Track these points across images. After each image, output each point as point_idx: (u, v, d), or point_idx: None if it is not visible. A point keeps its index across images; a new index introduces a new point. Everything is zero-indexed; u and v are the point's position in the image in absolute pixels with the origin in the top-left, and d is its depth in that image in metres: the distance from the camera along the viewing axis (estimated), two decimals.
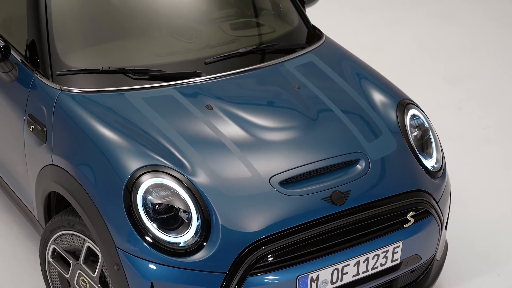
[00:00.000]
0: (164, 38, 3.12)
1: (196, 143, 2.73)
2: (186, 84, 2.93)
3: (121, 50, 3.05)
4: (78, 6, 3.09)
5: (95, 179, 2.64)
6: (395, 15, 5.81)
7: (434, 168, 3.01)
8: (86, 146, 2.72)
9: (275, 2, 3.43)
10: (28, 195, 3.12)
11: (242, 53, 3.09)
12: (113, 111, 2.80)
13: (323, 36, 3.37)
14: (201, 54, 3.07)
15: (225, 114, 2.84)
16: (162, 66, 2.97)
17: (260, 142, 2.78)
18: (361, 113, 3.00)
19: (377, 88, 3.14)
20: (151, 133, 2.73)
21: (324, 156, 2.79)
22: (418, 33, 5.57)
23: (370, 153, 2.86)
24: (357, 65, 3.26)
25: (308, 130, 2.86)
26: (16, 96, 3.04)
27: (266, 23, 3.38)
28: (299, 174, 2.72)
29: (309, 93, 3.01)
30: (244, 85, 3.02)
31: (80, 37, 3.05)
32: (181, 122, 2.79)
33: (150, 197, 2.58)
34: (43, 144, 2.88)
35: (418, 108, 3.14)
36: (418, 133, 3.04)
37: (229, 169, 2.68)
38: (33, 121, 2.93)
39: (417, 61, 5.21)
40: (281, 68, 3.11)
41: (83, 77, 2.90)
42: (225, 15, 3.30)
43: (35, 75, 2.97)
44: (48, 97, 2.89)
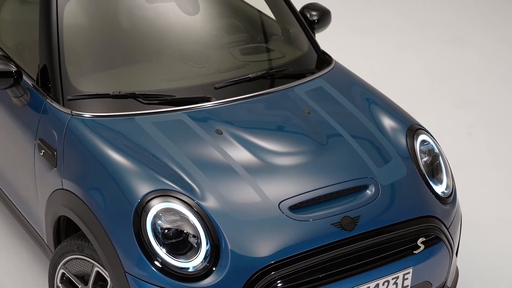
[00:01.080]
0: (174, 63, 3.14)
1: (205, 167, 2.73)
2: (196, 109, 2.94)
3: (131, 75, 3.07)
4: (89, 31, 3.12)
5: (104, 203, 2.65)
6: (404, 39, 5.83)
7: (444, 193, 2.99)
8: (96, 170, 2.72)
9: (285, 27, 3.45)
10: (38, 219, 3.13)
11: (252, 78, 3.11)
12: (123, 136, 2.81)
13: (332, 61, 3.38)
14: (211, 79, 3.08)
15: (234, 138, 2.85)
16: (172, 90, 2.98)
17: (269, 167, 2.78)
18: (371, 138, 2.99)
19: (387, 113, 3.14)
20: (160, 158, 2.74)
21: (334, 181, 2.78)
22: (427, 57, 5.58)
23: (380, 179, 2.85)
24: (366, 90, 3.27)
25: (318, 155, 2.86)
26: (27, 120, 3.05)
27: (276, 48, 3.40)
28: (309, 199, 2.71)
29: (319, 118, 3.02)
30: (254, 110, 3.03)
31: (91, 62, 3.07)
32: (190, 146, 2.80)
33: (159, 221, 2.58)
34: (53, 169, 2.89)
35: (428, 134, 3.14)
36: (428, 159, 3.04)
37: (239, 194, 2.68)
38: (43, 145, 2.94)
39: (426, 85, 5.21)
40: (291, 93, 3.12)
41: (93, 101, 2.92)
42: (235, 40, 3.32)
43: (46, 100, 2.98)
44: (59, 122, 2.91)
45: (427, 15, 6.25)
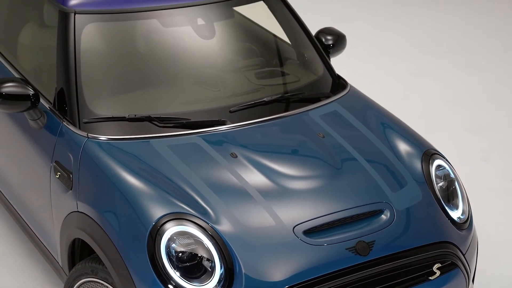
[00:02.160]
0: (190, 87, 3.16)
1: (220, 191, 2.73)
2: (211, 132, 2.95)
3: (147, 98, 3.09)
4: (106, 55, 3.15)
5: (119, 226, 2.65)
6: (419, 64, 5.83)
7: (460, 219, 2.97)
8: (110, 193, 2.73)
9: (300, 51, 3.47)
10: (53, 241, 3.13)
11: (267, 101, 3.11)
12: (139, 159, 2.82)
13: (347, 86, 3.39)
14: (226, 102, 3.09)
15: (249, 162, 2.85)
16: (187, 114, 2.99)
17: (284, 191, 2.77)
18: (386, 163, 2.98)
19: (402, 137, 3.13)
20: (175, 181, 2.74)
21: (349, 205, 2.77)
22: (442, 82, 5.58)
23: (395, 203, 2.83)
24: (381, 115, 3.26)
25: (333, 179, 2.85)
26: (43, 143, 3.07)
27: (291, 72, 3.41)
28: (323, 224, 2.70)
29: (334, 142, 3.01)
30: (269, 133, 3.03)
31: (107, 85, 3.10)
32: (205, 170, 2.80)
33: (173, 245, 2.57)
34: (68, 191, 2.90)
35: (444, 159, 3.12)
36: (443, 184, 3.02)
37: (253, 218, 2.67)
38: (59, 168, 2.96)
39: (441, 110, 5.20)
40: (306, 117, 3.12)
41: (109, 124, 2.94)
42: (250, 64, 3.33)
43: (63, 123, 3.01)
44: (75, 144, 2.92)
45: (442, 40, 6.25)
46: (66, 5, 3.06)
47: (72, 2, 3.07)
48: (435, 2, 6.97)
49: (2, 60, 3.43)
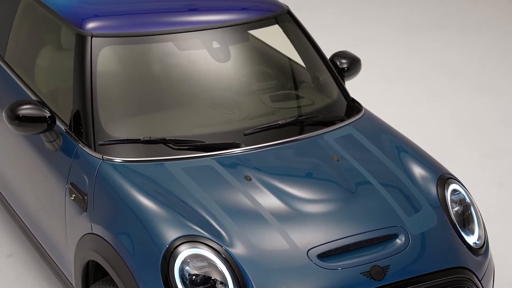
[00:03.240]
0: (204, 109, 3.17)
1: (234, 214, 2.73)
2: (225, 155, 2.96)
3: (162, 121, 3.10)
4: (121, 77, 3.17)
5: (133, 248, 2.65)
6: (434, 87, 5.82)
7: (476, 244, 2.95)
8: (125, 215, 2.73)
9: (315, 75, 3.47)
10: (67, 263, 3.13)
11: (281, 124, 3.12)
12: (153, 181, 2.83)
13: (362, 109, 3.38)
14: (240, 125, 3.10)
15: (263, 185, 2.85)
16: (202, 136, 3.00)
17: (298, 214, 2.76)
18: (401, 187, 2.97)
19: (417, 161, 3.12)
20: (189, 203, 2.74)
21: (363, 229, 2.76)
22: (457, 105, 5.56)
23: (410, 228, 2.82)
24: (396, 138, 3.25)
25: (347, 202, 2.84)
26: (59, 165, 3.09)
27: (305, 95, 3.41)
28: (338, 248, 2.69)
29: (348, 166, 3.01)
30: (283, 156, 3.03)
31: (123, 108, 3.11)
32: (219, 192, 2.80)
33: (187, 267, 2.57)
34: (83, 213, 2.91)
35: (459, 183, 3.10)
36: (459, 209, 3.00)
37: (267, 241, 2.67)
38: (74, 189, 2.97)
39: (456, 134, 5.18)
40: (320, 140, 3.12)
41: (124, 146, 2.95)
42: (265, 87, 3.34)
43: (78, 145, 3.02)
44: (90, 166, 2.93)
45: (455, 63, 6.25)
46: (83, 28, 3.10)
47: (89, 25, 3.10)
48: (448, 27, 6.98)
49: (20, 82, 3.47)
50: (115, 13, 3.23)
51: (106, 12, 3.23)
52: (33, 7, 3.49)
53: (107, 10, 3.25)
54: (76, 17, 3.16)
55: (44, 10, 3.37)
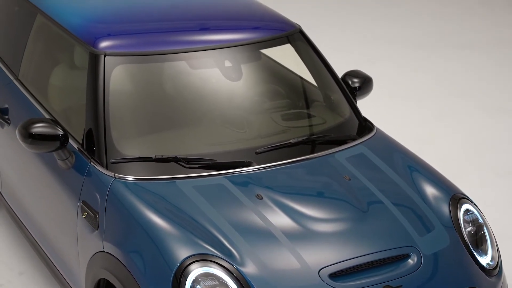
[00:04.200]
0: (216, 128, 3.17)
1: (245, 232, 2.72)
2: (236, 173, 2.96)
3: (174, 139, 3.11)
4: (134, 96, 3.19)
5: (144, 266, 2.65)
6: (446, 107, 5.81)
7: (489, 265, 2.92)
8: (136, 233, 2.73)
9: (327, 93, 3.48)
10: (78, 282, 3.13)
11: (293, 143, 3.11)
12: (165, 199, 2.83)
13: (374, 128, 3.38)
14: (252, 143, 3.10)
15: (275, 204, 2.84)
16: (213, 155, 3.01)
17: (309, 233, 2.76)
18: (413, 206, 2.96)
19: (429, 181, 3.10)
20: (201, 222, 2.74)
21: (375, 249, 2.74)
22: (469, 125, 5.54)
23: (422, 248, 2.80)
24: (408, 158, 3.25)
25: (359, 222, 2.83)
26: (71, 182, 3.10)
27: (317, 114, 3.41)
28: (349, 267, 2.68)
29: (360, 185, 3.00)
30: (295, 175, 3.03)
31: (135, 126, 3.13)
32: (231, 211, 2.80)
33: (198, 286, 2.56)
34: (95, 231, 2.91)
35: (472, 203, 3.09)
36: (472, 229, 2.98)
37: (278, 260, 2.66)
38: (86, 207, 2.98)
39: (468, 154, 5.16)
40: (332, 159, 3.11)
41: (136, 165, 2.96)
42: (276, 106, 3.35)
43: (91, 163, 3.03)
44: (102, 184, 2.94)
45: (467, 83, 6.24)
46: (97, 47, 3.12)
47: (102, 44, 3.13)
48: (459, 45, 6.98)
49: (34, 101, 3.49)
50: (128, 32, 3.25)
51: (119, 31, 3.25)
52: (47, 26, 3.52)
53: (120, 29, 3.27)
54: (90, 36, 3.19)
55: (58, 29, 3.40)
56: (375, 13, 7.86)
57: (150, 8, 3.45)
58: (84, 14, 3.37)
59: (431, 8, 8.02)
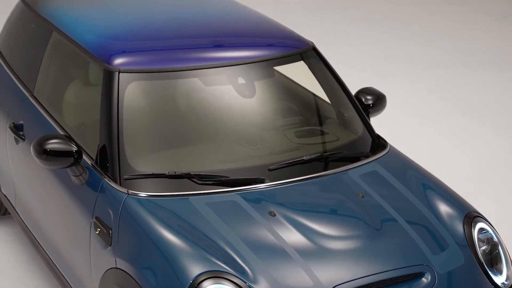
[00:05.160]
0: (229, 145, 3.18)
1: (258, 249, 2.72)
2: (249, 190, 2.95)
3: (187, 156, 3.11)
4: (148, 113, 3.20)
5: (157, 283, 2.64)
6: (460, 125, 5.79)
7: (504, 285, 2.90)
8: (149, 249, 2.73)
9: (340, 111, 3.47)
10: None
11: (306, 160, 3.11)
12: (177, 216, 2.83)
13: (387, 145, 3.37)
14: (265, 160, 3.10)
15: (288, 221, 2.83)
16: (226, 171, 3.01)
17: (322, 251, 2.75)
18: (427, 225, 2.94)
19: (443, 199, 3.09)
20: (213, 239, 2.74)
21: (388, 267, 2.73)
22: (484, 144, 5.52)
23: (436, 266, 2.78)
24: (422, 175, 3.23)
25: (372, 239, 2.82)
26: (85, 198, 3.11)
27: (330, 131, 3.41)
28: (362, 285, 2.66)
29: (373, 202, 2.99)
30: (308, 192, 3.02)
31: (148, 143, 3.14)
32: (243, 228, 2.79)
33: None
34: (108, 247, 2.92)
35: (486, 222, 3.06)
36: (486, 248, 2.96)
37: (291, 277, 2.65)
38: (99, 223, 2.98)
39: (483, 172, 5.13)
40: (345, 176, 3.10)
41: (149, 181, 2.96)
42: (290, 123, 3.35)
43: (104, 179, 3.04)
44: (115, 201, 2.95)
45: (482, 101, 6.22)
46: (111, 64, 3.14)
47: (116, 61, 3.15)
48: (474, 65, 6.97)
49: (48, 117, 3.52)
50: (142, 49, 3.27)
51: (133, 48, 3.27)
52: (62, 43, 3.55)
53: (134, 46, 3.29)
54: (104, 53, 3.21)
55: (73, 46, 3.42)
56: (389, 31, 7.87)
57: (164, 25, 3.47)
58: (99, 31, 3.39)
59: (444, 27, 8.02)
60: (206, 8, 3.73)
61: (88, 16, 3.57)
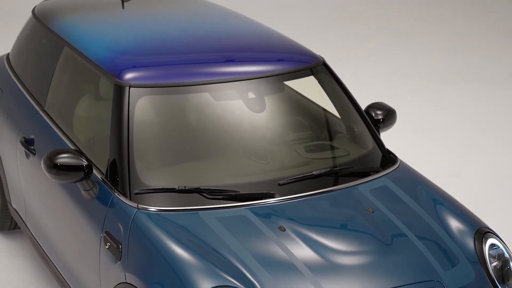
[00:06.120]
0: (239, 159, 3.18)
1: (268, 264, 2.71)
2: (259, 205, 2.95)
3: (197, 170, 3.11)
4: (158, 127, 3.21)
5: None
6: (470, 140, 5.77)
7: None
8: (159, 264, 2.73)
9: (350, 125, 3.47)
10: None
11: (316, 175, 3.11)
12: (187, 230, 2.83)
13: (397, 160, 3.36)
14: (275, 175, 3.10)
15: (297, 236, 2.83)
16: (236, 186, 3.01)
17: (332, 266, 2.73)
18: (437, 240, 2.92)
19: (454, 214, 3.07)
20: (223, 253, 2.73)
21: (398, 283, 2.71)
22: (494, 159, 5.49)
23: (447, 282, 2.76)
24: (432, 191, 3.22)
25: (382, 255, 2.81)
26: (95, 213, 3.11)
27: (340, 146, 3.41)
28: None
29: (383, 217, 2.98)
30: (318, 207, 3.02)
31: (158, 157, 3.14)
32: (253, 243, 2.79)
33: None
34: (117, 262, 2.91)
35: (497, 237, 3.05)
36: (497, 264, 2.94)
37: None
38: (109, 238, 2.98)
39: (494, 187, 5.10)
40: (355, 191, 3.10)
41: (159, 195, 2.96)
42: (299, 138, 3.35)
43: (114, 193, 3.05)
44: (125, 215, 2.95)
45: (493, 118, 6.20)
46: (122, 78, 3.16)
47: (127, 76, 3.16)
48: (484, 80, 6.96)
49: (59, 131, 3.53)
50: (153, 63, 3.29)
51: (143, 62, 3.29)
52: (73, 58, 3.57)
53: (144, 61, 3.31)
54: (115, 67, 3.23)
55: (84, 61, 3.44)
56: (399, 46, 7.88)
57: (174, 39, 3.49)
58: (110, 46, 3.41)
59: (454, 43, 8.02)
60: (216, 23, 3.75)
61: (99, 31, 3.59)
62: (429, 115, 6.19)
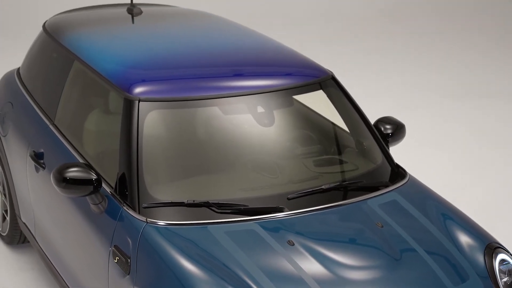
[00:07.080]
0: (248, 173, 3.18)
1: (276, 279, 2.70)
2: (268, 219, 2.95)
3: (206, 184, 3.11)
4: (167, 141, 3.21)
5: None
6: (480, 155, 5.75)
7: None
8: (167, 279, 2.73)
9: (359, 140, 3.47)
10: None
11: (325, 189, 3.10)
12: (196, 245, 2.83)
13: (407, 175, 3.35)
14: (284, 189, 3.10)
15: (306, 250, 2.82)
16: (245, 200, 3.00)
17: (341, 281, 2.72)
18: (447, 255, 2.91)
19: (463, 229, 3.06)
20: (232, 268, 2.72)
21: None
22: (504, 174, 5.47)
23: None
24: (442, 205, 3.21)
25: (391, 270, 2.79)
26: (103, 227, 3.11)
27: (349, 160, 3.40)
28: None
29: (392, 232, 2.97)
30: (327, 221, 3.01)
31: (168, 171, 3.14)
32: (262, 257, 2.78)
33: None
34: (126, 276, 2.91)
35: (508, 253, 3.03)
36: (508, 279, 2.92)
37: None
38: (118, 252, 2.98)
39: (504, 203, 5.08)
40: (364, 206, 3.09)
41: (168, 209, 2.96)
42: (308, 152, 3.35)
43: (123, 207, 3.05)
44: (133, 229, 2.95)
45: (502, 132, 6.18)
46: (131, 93, 3.17)
47: (136, 90, 3.17)
48: (494, 96, 6.94)
49: (69, 145, 3.54)
50: (162, 78, 3.30)
51: (153, 77, 3.30)
52: (83, 72, 3.59)
53: (154, 75, 3.32)
54: (124, 81, 3.24)
55: (94, 75, 3.46)
56: (408, 61, 7.88)
57: (183, 54, 3.50)
58: (119, 60, 3.43)
59: (464, 57, 8.02)
60: (225, 37, 3.76)
61: (109, 45, 3.61)
62: (439, 129, 6.18)
